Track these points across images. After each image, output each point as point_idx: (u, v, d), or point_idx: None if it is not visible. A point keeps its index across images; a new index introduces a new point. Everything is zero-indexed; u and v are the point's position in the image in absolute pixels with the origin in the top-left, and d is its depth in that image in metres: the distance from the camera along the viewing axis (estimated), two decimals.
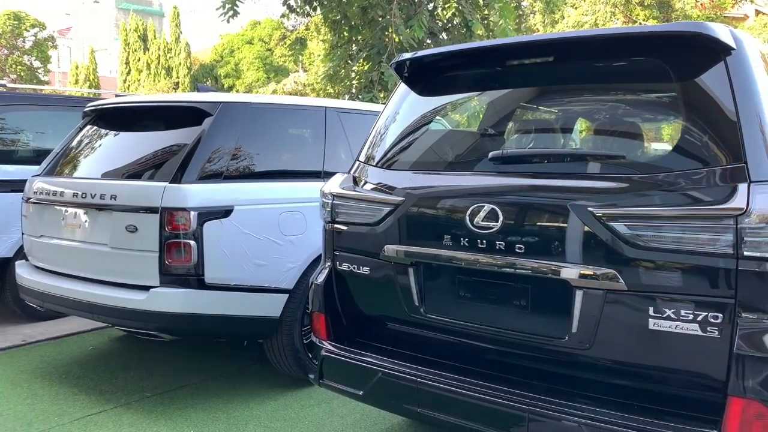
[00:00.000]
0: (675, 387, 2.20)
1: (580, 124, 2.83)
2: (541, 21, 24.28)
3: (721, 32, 2.19)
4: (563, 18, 24.44)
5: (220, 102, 4.05)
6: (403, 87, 3.06)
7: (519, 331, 2.43)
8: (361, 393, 2.71)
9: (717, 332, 2.02)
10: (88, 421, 3.61)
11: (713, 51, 2.21)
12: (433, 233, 2.58)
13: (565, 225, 2.28)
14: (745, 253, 1.98)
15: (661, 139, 2.44)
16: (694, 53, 2.25)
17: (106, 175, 4.15)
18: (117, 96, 7.83)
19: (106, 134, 4.59)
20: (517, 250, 2.35)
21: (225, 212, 3.76)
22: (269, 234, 3.91)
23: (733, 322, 2.00)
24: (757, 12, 34.20)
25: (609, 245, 2.17)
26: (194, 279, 3.67)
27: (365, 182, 2.91)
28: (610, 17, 23.02)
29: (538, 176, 2.44)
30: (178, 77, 41.57)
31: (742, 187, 2.02)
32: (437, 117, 3.18)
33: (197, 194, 3.70)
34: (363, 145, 3.08)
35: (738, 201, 2.00)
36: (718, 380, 2.03)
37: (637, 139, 2.53)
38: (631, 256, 2.14)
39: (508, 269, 2.38)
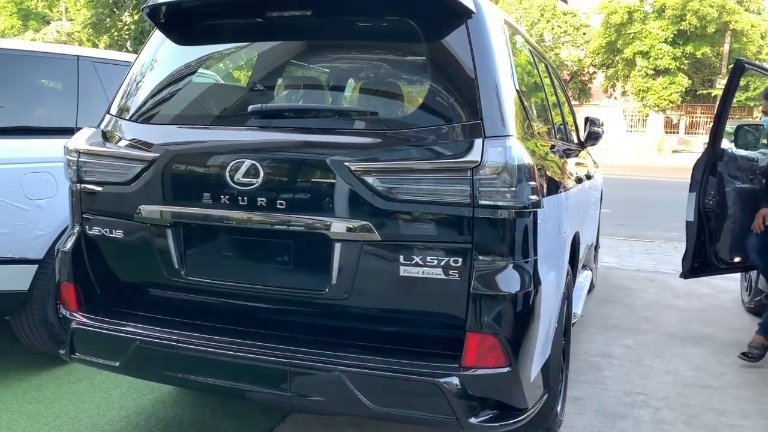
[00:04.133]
0: (425, 328, 2.37)
1: (342, 81, 2.86)
2: None
3: None
4: None
5: None
6: (158, 35, 2.84)
7: (283, 287, 2.44)
8: (117, 364, 2.54)
9: (457, 275, 2.20)
10: None
11: (456, 13, 2.34)
12: (193, 191, 2.46)
13: (323, 180, 2.31)
14: (480, 202, 2.16)
15: (412, 96, 2.56)
16: (439, 15, 2.37)
17: None
18: None
19: None
20: (278, 206, 2.33)
21: None
22: (11, 198, 3.47)
23: (470, 265, 2.19)
24: None
25: (364, 198, 2.24)
26: None
27: (117, 137, 2.68)
28: None
29: (297, 131, 2.43)
30: None
31: (478, 142, 2.19)
32: (200, 69, 3.01)
33: None
34: (114, 98, 2.82)
35: (474, 154, 2.17)
36: (460, 319, 2.22)
37: (390, 97, 2.63)
38: (384, 208, 2.23)
39: (269, 226, 2.36)
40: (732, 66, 4.52)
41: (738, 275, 5.59)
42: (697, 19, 29.74)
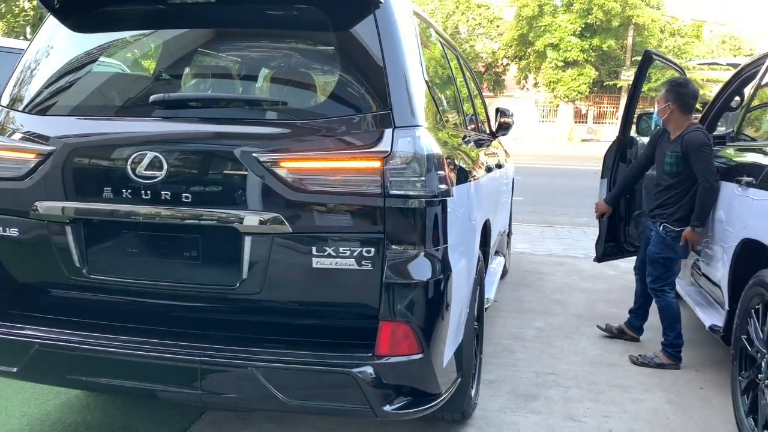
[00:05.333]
0: (339, 319, 2.36)
1: (250, 70, 2.79)
2: None
3: None
4: None
5: None
6: (53, 21, 2.69)
7: (192, 283, 2.38)
8: (15, 370, 2.40)
9: (370, 265, 2.21)
10: None
11: (364, 4, 2.34)
12: (93, 185, 2.36)
13: (230, 172, 2.26)
14: (391, 192, 2.18)
15: (321, 86, 2.54)
16: (347, 4, 2.37)
17: None
18: None
19: None
20: (183, 200, 2.26)
21: None
22: None
23: (382, 254, 2.20)
24: None
25: (274, 190, 2.21)
26: None
27: (9, 130, 2.54)
28: None
29: (203, 122, 2.37)
30: None
31: (388, 132, 2.21)
32: (101, 57, 2.87)
33: None
34: (5, 88, 2.65)
35: (384, 145, 2.18)
36: (374, 308, 2.23)
37: (299, 87, 2.60)
38: (294, 199, 2.21)
39: (175, 220, 2.30)
40: (640, 57, 4.74)
41: None
42: (602, 13, 31.05)
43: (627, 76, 31.11)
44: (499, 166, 4.37)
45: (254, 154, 2.21)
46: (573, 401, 3.42)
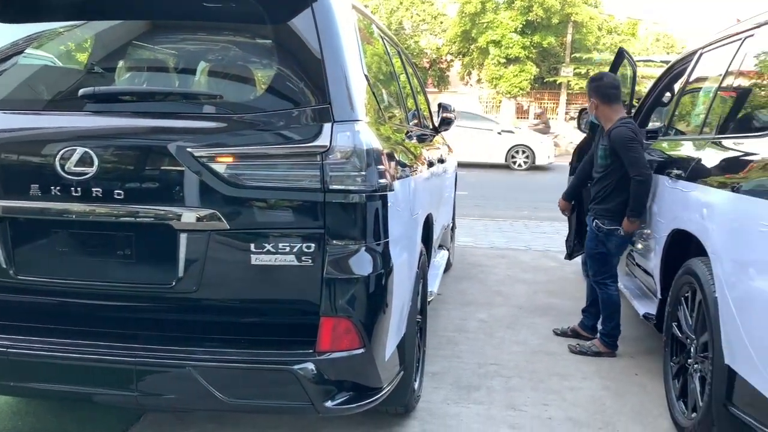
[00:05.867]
0: (280, 316, 2.34)
1: (185, 64, 2.73)
2: None
3: None
4: None
5: None
6: None
7: (126, 283, 2.32)
8: None
9: (310, 260, 2.20)
10: None
11: None
12: (19, 182, 2.27)
13: (165, 167, 2.21)
14: (331, 187, 2.17)
15: (259, 80, 2.50)
16: None
17: None
18: None
19: None
20: (116, 197, 2.20)
21: None
22: None
23: (323, 250, 2.19)
24: None
25: (210, 186, 2.18)
26: None
27: None
28: None
29: (135, 116, 2.31)
30: None
31: (327, 127, 2.19)
32: (29, 48, 2.75)
33: None
34: None
35: (323, 139, 2.17)
36: (314, 304, 2.22)
37: (236, 80, 2.56)
38: (231, 195, 2.18)
39: (107, 218, 2.23)
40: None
41: None
42: (542, 11, 31.64)
43: (566, 72, 31.82)
44: (441, 160, 4.41)
45: (189, 149, 2.16)
46: (514, 390, 3.48)
